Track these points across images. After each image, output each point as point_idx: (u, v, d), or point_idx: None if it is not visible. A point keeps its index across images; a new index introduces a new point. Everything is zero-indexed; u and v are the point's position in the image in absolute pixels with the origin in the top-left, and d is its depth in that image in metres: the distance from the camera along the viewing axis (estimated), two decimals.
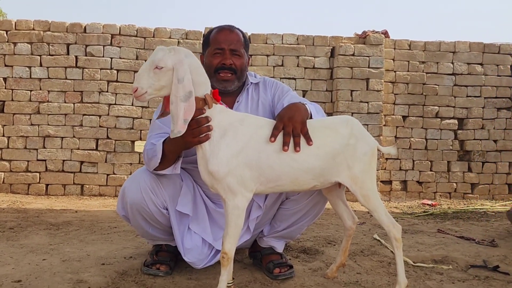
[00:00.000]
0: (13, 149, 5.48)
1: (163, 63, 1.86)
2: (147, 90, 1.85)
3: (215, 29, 2.44)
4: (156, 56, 1.87)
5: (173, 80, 1.86)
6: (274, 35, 5.83)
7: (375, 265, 2.69)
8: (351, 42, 5.88)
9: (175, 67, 1.87)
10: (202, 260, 2.36)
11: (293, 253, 2.89)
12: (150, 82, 1.85)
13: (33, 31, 5.52)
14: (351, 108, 5.71)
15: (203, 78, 1.97)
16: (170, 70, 1.87)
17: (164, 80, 1.87)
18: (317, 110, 2.26)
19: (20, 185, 5.47)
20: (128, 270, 2.44)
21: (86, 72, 5.55)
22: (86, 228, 3.54)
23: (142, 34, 5.64)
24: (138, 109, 5.61)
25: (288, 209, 2.45)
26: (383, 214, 2.13)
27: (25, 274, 2.31)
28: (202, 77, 1.96)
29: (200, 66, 1.97)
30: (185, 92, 1.86)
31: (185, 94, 1.86)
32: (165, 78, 1.87)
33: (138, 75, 1.88)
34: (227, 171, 1.92)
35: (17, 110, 5.50)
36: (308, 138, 1.99)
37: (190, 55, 1.94)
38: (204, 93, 1.95)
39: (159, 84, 1.86)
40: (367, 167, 2.09)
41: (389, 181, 5.93)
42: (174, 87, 1.86)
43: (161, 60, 1.86)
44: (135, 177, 2.33)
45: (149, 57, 1.90)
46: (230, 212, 1.95)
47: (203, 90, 1.95)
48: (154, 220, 2.34)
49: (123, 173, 5.57)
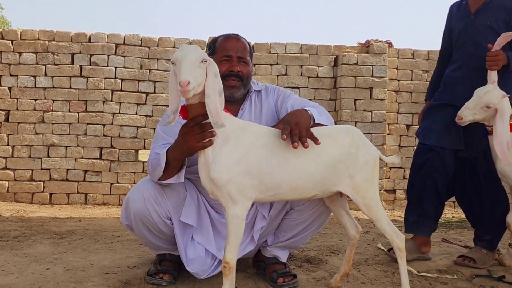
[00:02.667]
0: (18, 158, 5.50)
1: (206, 56, 1.87)
2: (194, 85, 1.80)
3: (222, 37, 2.46)
4: (199, 50, 1.87)
5: (209, 74, 1.86)
6: (278, 44, 5.86)
7: (379, 274, 2.68)
8: (355, 51, 5.89)
9: (210, 62, 1.89)
10: (205, 271, 2.36)
11: (297, 262, 2.88)
12: (196, 76, 1.81)
13: (38, 41, 5.56)
14: (354, 117, 5.71)
15: None
16: (206, 65, 1.87)
17: (204, 75, 1.86)
18: (320, 112, 2.26)
19: (24, 194, 5.48)
20: (132, 279, 2.44)
21: (91, 81, 5.58)
22: (89, 237, 3.55)
23: (147, 44, 5.67)
24: (142, 118, 5.62)
25: (292, 220, 2.45)
26: (386, 223, 2.12)
27: (29, 284, 2.31)
28: None
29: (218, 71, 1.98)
30: (220, 87, 1.89)
31: (220, 88, 1.89)
32: (204, 73, 1.86)
33: (185, 69, 1.79)
34: (228, 178, 1.92)
35: (21, 119, 5.52)
36: (315, 138, 1.98)
37: None
38: None
39: (201, 78, 1.84)
40: (369, 176, 2.09)
41: (393, 190, 5.91)
42: (211, 81, 1.86)
43: (205, 54, 1.87)
44: (139, 187, 2.33)
45: (187, 54, 1.83)
46: (230, 221, 1.95)
47: None
48: (157, 230, 2.34)
49: (127, 182, 5.58)
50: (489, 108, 2.56)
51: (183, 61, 1.81)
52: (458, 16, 2.96)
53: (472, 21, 2.86)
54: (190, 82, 1.77)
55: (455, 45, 2.97)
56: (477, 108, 2.60)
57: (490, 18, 2.81)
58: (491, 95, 2.57)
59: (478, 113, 2.60)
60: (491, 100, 2.55)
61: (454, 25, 2.99)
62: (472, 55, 2.82)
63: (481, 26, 2.83)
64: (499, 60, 2.65)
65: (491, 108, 2.56)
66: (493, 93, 2.57)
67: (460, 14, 2.95)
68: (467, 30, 2.87)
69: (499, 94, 2.56)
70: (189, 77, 1.78)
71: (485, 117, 2.61)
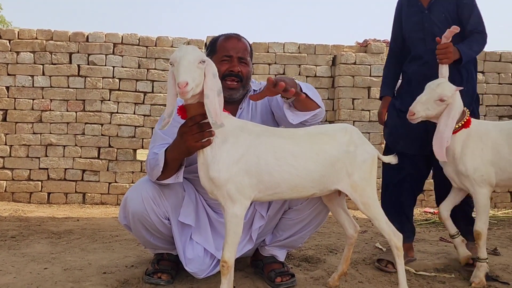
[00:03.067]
0: (15, 157, 5.50)
1: (204, 57, 1.88)
2: (193, 86, 1.81)
3: (222, 37, 2.45)
4: (198, 51, 1.87)
5: (208, 74, 1.87)
6: (276, 43, 5.86)
7: (377, 273, 2.68)
8: (352, 50, 5.90)
9: (208, 63, 1.90)
10: (203, 271, 2.36)
11: (295, 261, 2.88)
12: (194, 76, 1.82)
13: (35, 40, 5.55)
14: (352, 117, 5.71)
15: None
16: (205, 66, 1.88)
17: (202, 75, 1.87)
18: (308, 87, 2.24)
19: (22, 194, 5.47)
20: (130, 279, 2.44)
21: (89, 80, 5.57)
22: (87, 237, 3.54)
23: (144, 43, 5.66)
24: (140, 118, 5.62)
25: (290, 219, 2.45)
26: (384, 222, 2.13)
27: (27, 283, 2.31)
28: None
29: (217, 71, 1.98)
30: (219, 87, 1.90)
31: (219, 89, 1.90)
32: (202, 74, 1.87)
33: (183, 70, 1.80)
34: (227, 177, 1.92)
35: (19, 119, 5.51)
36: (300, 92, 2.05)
37: None
38: None
39: (200, 79, 1.85)
40: (367, 175, 2.09)
41: None
42: (210, 81, 1.87)
43: (203, 55, 1.88)
44: (137, 187, 2.33)
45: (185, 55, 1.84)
46: (229, 221, 1.95)
47: None
48: (155, 230, 2.34)
49: (125, 182, 5.57)
50: (442, 101, 2.42)
51: (181, 62, 1.82)
52: (410, 12, 2.89)
53: (427, 16, 2.80)
54: (188, 83, 1.77)
55: (411, 40, 2.88)
56: (430, 102, 2.44)
57: (444, 11, 2.77)
58: (444, 87, 2.44)
59: (431, 108, 2.44)
60: (444, 93, 2.42)
61: (406, 20, 2.92)
62: (434, 50, 2.65)
63: (437, 20, 2.78)
64: (449, 53, 2.55)
65: (444, 102, 2.43)
66: (446, 85, 2.45)
67: (411, 10, 2.88)
68: (423, 26, 2.81)
69: (452, 87, 2.44)
70: (188, 78, 1.78)
71: (437, 113, 2.46)
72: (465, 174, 2.49)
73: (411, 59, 2.92)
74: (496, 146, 2.48)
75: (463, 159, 2.48)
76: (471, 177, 2.47)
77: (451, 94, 2.43)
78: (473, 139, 2.49)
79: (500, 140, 2.49)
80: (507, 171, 2.48)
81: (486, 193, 2.49)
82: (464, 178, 2.52)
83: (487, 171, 2.47)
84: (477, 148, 2.48)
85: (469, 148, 2.48)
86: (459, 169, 2.50)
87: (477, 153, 2.47)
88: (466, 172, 2.48)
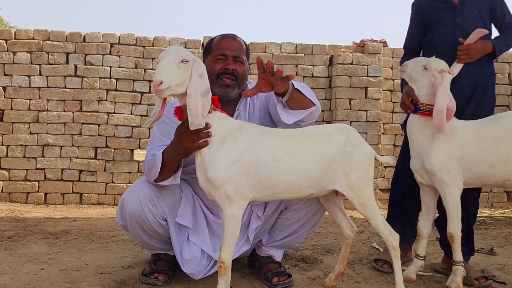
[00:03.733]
0: (12, 158, 5.48)
1: (188, 56, 1.88)
2: (170, 85, 1.82)
3: (218, 36, 2.47)
4: (180, 51, 1.88)
5: (193, 74, 1.88)
6: (273, 44, 5.86)
7: (374, 273, 2.69)
8: (350, 51, 5.90)
9: (195, 63, 1.90)
10: (200, 271, 2.36)
11: (292, 261, 2.89)
12: (174, 76, 1.83)
13: (32, 41, 5.54)
14: (349, 117, 5.71)
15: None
16: (190, 66, 1.88)
17: (185, 75, 1.87)
18: (302, 86, 2.24)
19: (19, 194, 5.46)
20: (127, 279, 2.44)
21: (85, 81, 5.56)
22: (84, 237, 3.54)
23: (141, 43, 5.66)
24: (137, 118, 5.61)
25: (287, 219, 2.45)
26: (381, 222, 2.13)
27: (23, 284, 2.30)
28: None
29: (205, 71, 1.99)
30: (204, 87, 1.89)
31: (204, 89, 1.89)
32: (186, 74, 1.87)
33: (160, 69, 1.83)
34: (225, 178, 1.93)
35: (16, 119, 5.50)
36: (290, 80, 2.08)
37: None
38: None
39: (181, 78, 1.86)
40: (364, 174, 2.09)
41: (388, 189, 5.92)
42: (195, 81, 1.87)
43: (186, 54, 1.88)
44: (135, 188, 2.33)
45: (166, 55, 1.87)
46: (227, 221, 1.96)
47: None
48: (153, 231, 2.34)
49: (122, 182, 5.56)
50: (426, 69, 2.44)
51: (160, 62, 1.85)
52: (438, 8, 2.82)
53: (460, 11, 2.75)
54: (163, 82, 1.79)
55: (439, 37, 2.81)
56: (419, 65, 2.48)
57: (476, 7, 2.75)
58: (435, 61, 2.47)
59: (416, 71, 2.48)
60: (430, 63, 2.45)
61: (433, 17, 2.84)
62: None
63: (469, 15, 2.74)
64: (470, 54, 2.58)
65: (426, 71, 2.44)
66: (438, 62, 2.47)
67: (440, 6, 2.81)
68: (455, 21, 2.75)
69: (441, 64, 2.45)
70: (163, 77, 1.80)
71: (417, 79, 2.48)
72: (430, 171, 2.42)
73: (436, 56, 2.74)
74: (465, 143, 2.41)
75: (429, 154, 2.42)
76: (437, 174, 2.40)
77: (435, 67, 2.43)
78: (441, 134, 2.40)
79: (469, 137, 2.42)
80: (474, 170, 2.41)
81: (454, 192, 2.40)
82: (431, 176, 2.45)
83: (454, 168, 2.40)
84: (444, 144, 2.41)
85: (436, 143, 2.42)
86: (424, 164, 2.44)
87: (443, 149, 2.41)
88: (432, 169, 2.41)
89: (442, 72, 2.43)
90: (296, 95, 2.16)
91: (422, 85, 2.49)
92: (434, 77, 2.44)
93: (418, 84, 2.50)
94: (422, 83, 2.49)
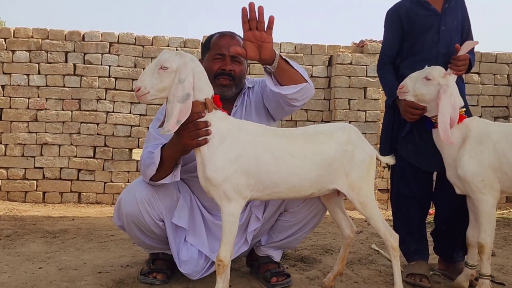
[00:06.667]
0: (11, 156, 5.47)
1: (168, 63, 1.88)
2: (150, 91, 1.87)
3: (217, 34, 2.45)
4: (162, 56, 1.90)
5: (175, 80, 1.89)
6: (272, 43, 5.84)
7: (373, 274, 2.69)
8: (349, 51, 5.90)
9: (179, 69, 1.90)
10: (198, 272, 2.35)
11: (291, 261, 2.88)
12: (154, 82, 1.87)
13: (31, 39, 5.53)
14: (348, 117, 5.71)
15: (206, 83, 1.99)
16: (174, 72, 1.89)
17: (167, 81, 1.89)
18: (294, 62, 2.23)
19: (17, 193, 5.45)
20: (125, 278, 2.43)
21: (84, 80, 5.55)
22: (83, 236, 3.53)
23: (141, 42, 5.65)
24: (136, 117, 5.60)
25: (286, 221, 2.45)
26: (380, 222, 2.13)
27: (21, 283, 2.30)
28: (204, 82, 1.98)
29: (203, 72, 1.99)
30: (183, 94, 1.88)
31: (183, 95, 1.88)
32: (168, 80, 1.89)
33: (142, 75, 1.90)
34: (223, 177, 1.92)
35: (14, 118, 5.49)
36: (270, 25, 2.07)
37: (195, 60, 1.97)
38: (205, 97, 1.96)
39: (162, 85, 1.88)
40: (365, 174, 2.09)
41: (387, 190, 5.92)
42: (174, 86, 1.88)
43: (166, 61, 1.89)
44: (132, 189, 2.32)
45: (153, 61, 1.93)
46: (225, 219, 1.95)
47: (204, 94, 1.97)
48: (150, 232, 2.34)
49: (121, 181, 5.56)
50: (428, 80, 2.39)
51: (145, 68, 1.93)
52: (422, 15, 2.78)
53: (444, 19, 2.74)
54: (140, 89, 1.87)
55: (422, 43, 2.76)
56: (418, 80, 2.42)
57: (455, 19, 2.76)
58: (434, 68, 2.43)
59: (419, 86, 2.40)
60: (431, 73, 2.40)
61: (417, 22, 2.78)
62: (445, 55, 2.67)
63: (451, 25, 2.75)
64: (465, 65, 2.59)
65: (430, 81, 2.38)
66: (437, 68, 2.44)
67: (424, 13, 2.77)
68: (440, 29, 2.73)
69: (441, 70, 2.42)
70: (141, 84, 1.87)
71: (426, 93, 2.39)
72: (463, 179, 2.33)
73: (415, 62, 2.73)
74: (501, 150, 2.29)
75: (460, 163, 2.33)
76: (470, 182, 2.31)
77: (437, 75, 2.39)
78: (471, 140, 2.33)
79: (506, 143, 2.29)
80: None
81: (490, 201, 2.30)
82: (465, 184, 2.35)
83: (488, 176, 2.30)
84: (476, 151, 2.32)
85: (467, 150, 2.33)
86: (458, 173, 2.35)
87: (476, 156, 2.31)
88: (465, 177, 2.32)
89: (446, 76, 2.41)
90: (284, 65, 2.15)
91: (430, 98, 2.41)
92: (439, 85, 2.38)
93: (426, 98, 2.41)
94: (430, 96, 2.40)
